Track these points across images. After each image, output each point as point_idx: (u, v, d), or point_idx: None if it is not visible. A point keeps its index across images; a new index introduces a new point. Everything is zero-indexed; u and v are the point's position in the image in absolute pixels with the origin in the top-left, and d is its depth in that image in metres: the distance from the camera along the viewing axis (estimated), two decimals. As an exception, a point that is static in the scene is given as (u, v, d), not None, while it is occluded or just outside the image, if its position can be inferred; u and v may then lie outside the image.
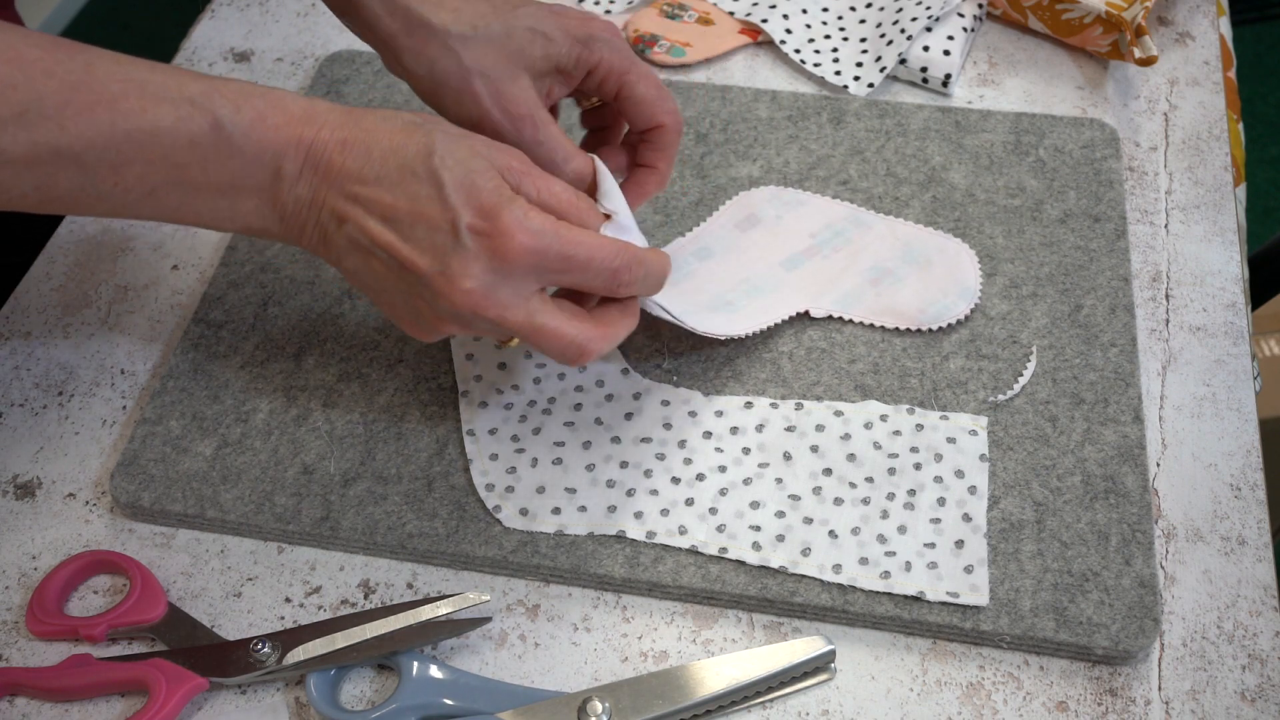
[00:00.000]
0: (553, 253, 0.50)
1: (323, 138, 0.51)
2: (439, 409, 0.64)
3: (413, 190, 0.50)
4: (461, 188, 0.50)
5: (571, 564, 0.58)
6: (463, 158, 0.51)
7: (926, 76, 0.80)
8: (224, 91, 0.50)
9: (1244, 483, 0.62)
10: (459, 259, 0.50)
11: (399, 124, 0.52)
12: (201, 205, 0.52)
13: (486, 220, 0.50)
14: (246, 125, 0.50)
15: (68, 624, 0.57)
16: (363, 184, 0.51)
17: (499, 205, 0.50)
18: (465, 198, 0.50)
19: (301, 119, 0.51)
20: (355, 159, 0.51)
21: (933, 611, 0.56)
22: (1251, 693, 0.55)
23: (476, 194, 0.50)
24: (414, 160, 0.50)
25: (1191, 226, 0.73)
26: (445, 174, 0.50)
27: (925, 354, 0.65)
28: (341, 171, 0.51)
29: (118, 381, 0.68)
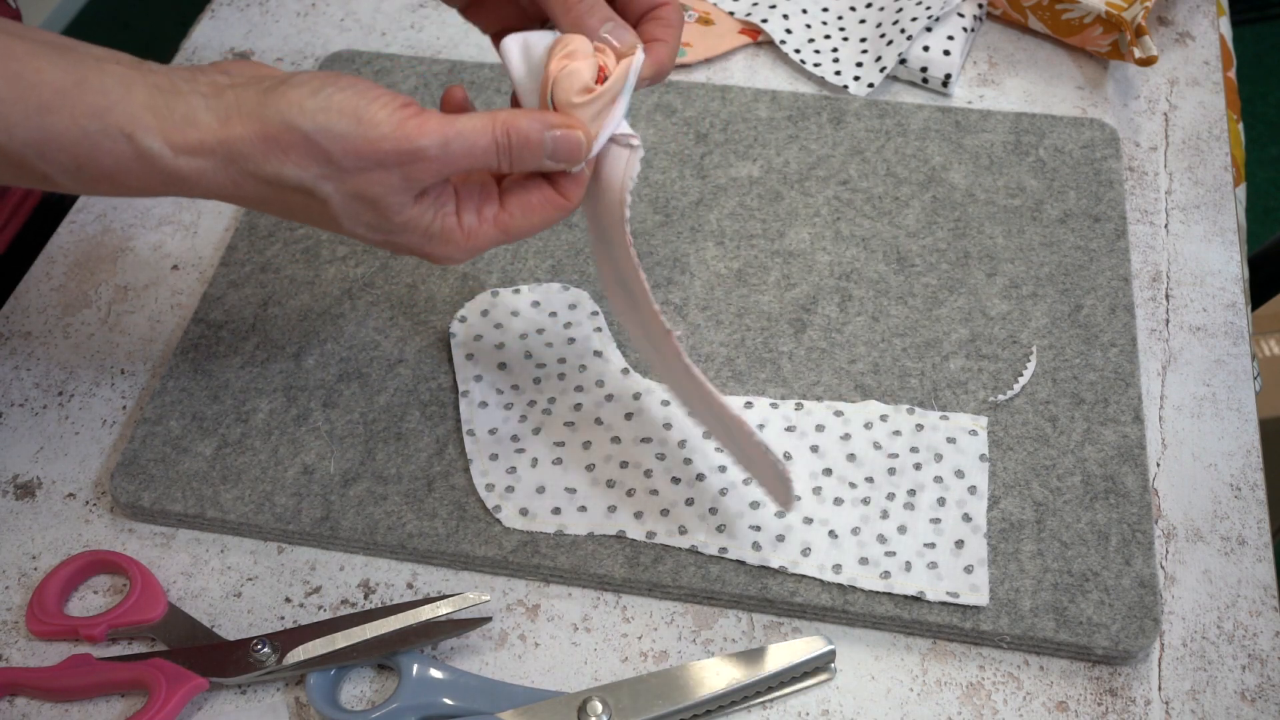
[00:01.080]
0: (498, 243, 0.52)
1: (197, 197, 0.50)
2: (439, 409, 0.64)
3: (330, 230, 0.51)
4: (386, 245, 0.51)
5: (571, 564, 0.58)
6: (371, 222, 0.49)
7: (926, 76, 0.80)
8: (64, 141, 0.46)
9: (1244, 483, 0.62)
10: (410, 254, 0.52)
11: (288, 193, 0.48)
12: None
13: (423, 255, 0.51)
14: (87, 186, 0.48)
15: (68, 624, 0.57)
16: (266, 213, 0.52)
17: (430, 256, 0.51)
18: (393, 248, 0.51)
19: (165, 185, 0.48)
20: (258, 208, 0.51)
21: (933, 611, 0.56)
22: (1251, 693, 0.55)
23: (405, 248, 0.51)
24: (320, 221, 0.50)
25: (1191, 226, 0.73)
26: (361, 236, 0.50)
27: (925, 354, 0.65)
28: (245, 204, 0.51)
29: (118, 381, 0.68)
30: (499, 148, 0.48)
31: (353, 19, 0.87)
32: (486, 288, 0.69)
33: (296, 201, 0.48)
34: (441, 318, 0.68)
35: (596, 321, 0.67)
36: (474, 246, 0.51)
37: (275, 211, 0.50)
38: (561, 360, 0.65)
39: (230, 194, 0.48)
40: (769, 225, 0.72)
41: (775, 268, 0.69)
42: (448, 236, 0.50)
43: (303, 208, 0.49)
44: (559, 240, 0.71)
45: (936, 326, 0.67)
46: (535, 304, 0.68)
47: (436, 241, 0.50)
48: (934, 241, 0.70)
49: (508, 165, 0.49)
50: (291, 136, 0.46)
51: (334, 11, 0.88)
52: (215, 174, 0.47)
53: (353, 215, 0.49)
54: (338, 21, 0.87)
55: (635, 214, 0.72)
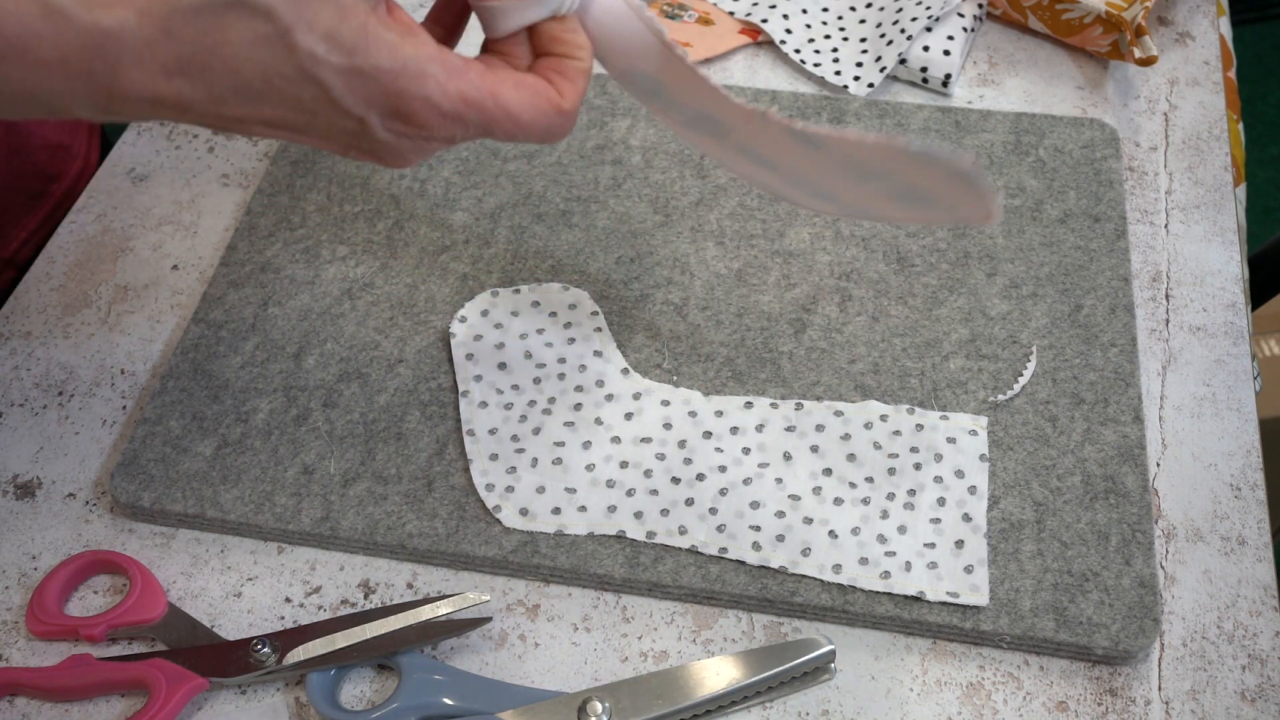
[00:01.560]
0: (474, 126, 0.45)
1: (129, 76, 0.41)
2: (439, 409, 0.64)
3: (291, 96, 0.42)
4: (353, 87, 0.42)
5: (571, 564, 0.58)
6: (328, 30, 0.41)
7: (926, 76, 0.80)
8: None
9: (1244, 483, 0.62)
10: (382, 147, 0.45)
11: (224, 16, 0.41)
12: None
13: (396, 117, 0.44)
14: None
15: (68, 624, 0.57)
16: (220, 104, 0.42)
17: (402, 94, 0.43)
18: (363, 98, 0.43)
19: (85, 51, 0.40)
20: (197, 88, 0.42)
21: (933, 611, 0.56)
22: (1251, 693, 0.55)
23: (372, 88, 0.43)
24: (275, 64, 0.42)
25: (1191, 226, 0.73)
26: (324, 74, 0.42)
27: (925, 354, 0.65)
28: (184, 105, 0.42)
29: (118, 381, 0.68)
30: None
31: (353, 19, 0.87)
32: (486, 288, 0.69)
33: (237, 34, 0.41)
34: (441, 318, 0.68)
35: (596, 321, 0.67)
36: (456, 92, 0.44)
37: (224, 79, 0.41)
38: (561, 360, 0.65)
39: (161, 56, 0.41)
40: (769, 225, 0.72)
41: (775, 268, 0.69)
42: (421, 69, 0.43)
43: (249, 42, 0.41)
44: (559, 240, 0.71)
45: (936, 326, 0.67)
46: (535, 304, 0.68)
47: (409, 73, 0.43)
48: (934, 241, 0.70)
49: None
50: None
51: (334, 11, 0.88)
52: (140, 25, 0.40)
53: (303, 22, 0.41)
54: (338, 21, 0.87)
55: (635, 214, 0.72)
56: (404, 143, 0.46)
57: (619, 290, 0.69)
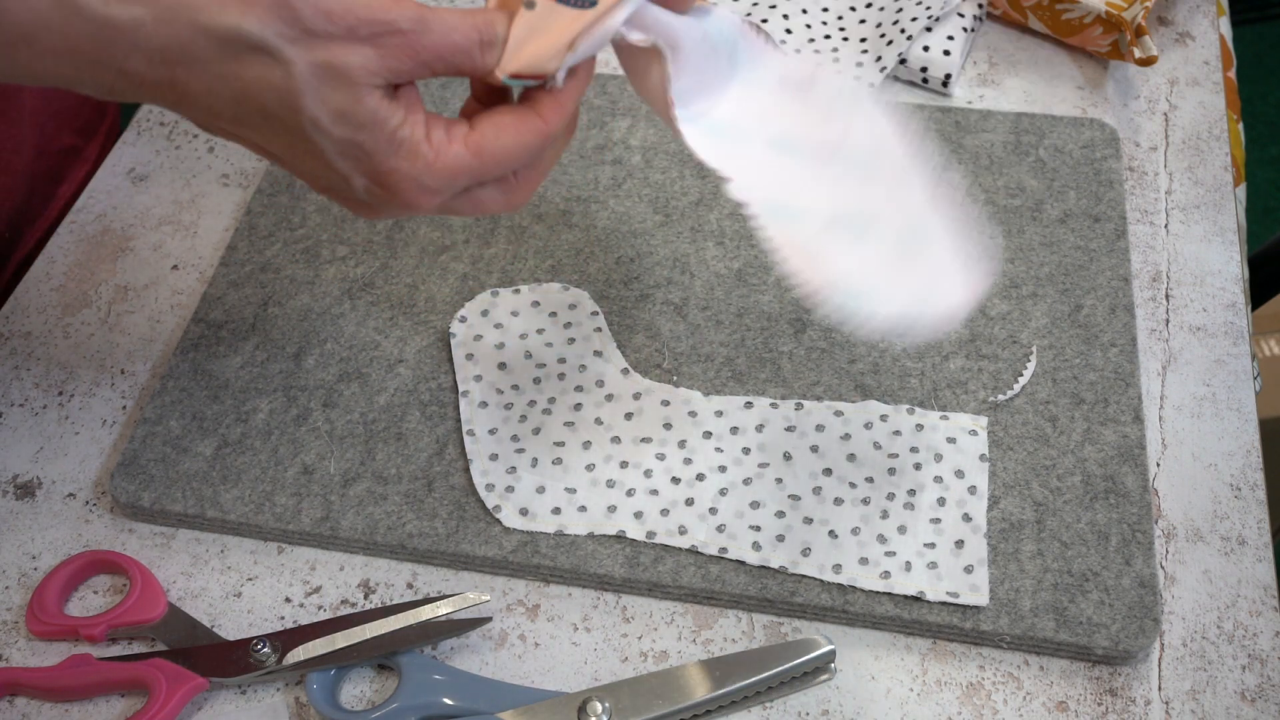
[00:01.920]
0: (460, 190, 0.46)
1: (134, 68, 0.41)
2: (439, 409, 0.64)
3: (287, 140, 0.43)
4: (347, 153, 0.44)
5: (571, 564, 0.58)
6: (338, 107, 0.42)
7: (926, 76, 0.80)
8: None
9: (1244, 483, 0.62)
10: (362, 205, 0.46)
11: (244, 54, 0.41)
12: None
13: (381, 187, 0.45)
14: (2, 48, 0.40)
15: (68, 624, 0.57)
16: (217, 119, 0.43)
17: (391, 171, 0.44)
18: (354, 164, 0.44)
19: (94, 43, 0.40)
20: (196, 98, 0.42)
21: (933, 611, 0.56)
22: (1251, 693, 0.55)
23: (365, 160, 0.44)
24: (279, 112, 0.42)
25: (1191, 226, 0.73)
26: (323, 140, 0.43)
27: (925, 354, 0.65)
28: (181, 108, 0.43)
29: (118, 381, 0.68)
30: (480, 35, 0.44)
31: (353, 19, 0.87)
32: (486, 288, 0.69)
33: (251, 74, 0.41)
34: (441, 318, 0.68)
35: (596, 321, 0.67)
36: (442, 168, 0.45)
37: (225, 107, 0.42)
38: (561, 360, 0.65)
39: (170, 59, 0.41)
40: (769, 225, 0.72)
41: (775, 267, 0.69)
42: (414, 149, 0.44)
43: (259, 85, 0.42)
44: (559, 240, 0.71)
45: (936, 326, 0.67)
46: (535, 304, 0.68)
47: (402, 153, 0.44)
48: (934, 241, 0.70)
49: (481, 57, 0.44)
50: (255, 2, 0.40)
51: (334, 11, 0.88)
52: (156, 28, 0.40)
53: (317, 94, 0.42)
54: (338, 21, 0.87)
55: (635, 213, 0.72)
56: (382, 206, 0.47)
57: (619, 290, 0.69)
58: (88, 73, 0.41)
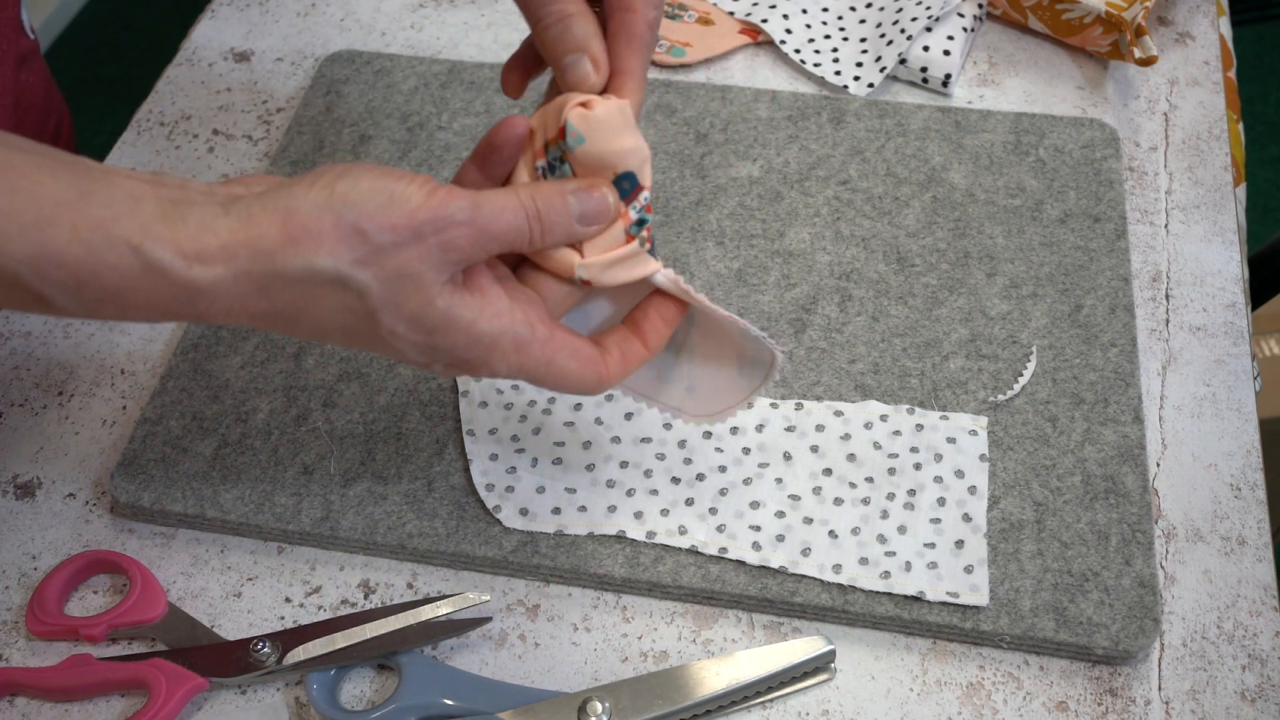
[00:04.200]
0: (525, 379, 0.50)
1: (216, 315, 0.45)
2: (439, 409, 0.64)
3: (368, 345, 0.47)
4: (424, 352, 0.47)
5: (571, 564, 0.58)
6: (413, 313, 0.46)
7: (926, 76, 0.80)
8: (63, 258, 0.41)
9: (1244, 483, 0.62)
10: (438, 370, 0.50)
11: (321, 288, 0.44)
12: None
13: (458, 368, 0.49)
14: (89, 305, 0.43)
15: (68, 624, 0.57)
16: (296, 333, 0.47)
17: (468, 363, 0.48)
18: (431, 358, 0.48)
19: (176, 302, 0.43)
20: (276, 327, 0.46)
21: (933, 611, 0.56)
22: (1251, 693, 0.55)
23: (443, 356, 0.48)
24: (358, 327, 0.46)
25: (1191, 226, 0.73)
26: (402, 345, 0.47)
27: (925, 354, 0.65)
28: (265, 325, 0.46)
29: (118, 381, 0.68)
30: (528, 212, 0.47)
31: (353, 19, 0.87)
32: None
33: (330, 302, 0.45)
34: (441, 318, 0.68)
35: (596, 321, 0.67)
36: (517, 365, 0.48)
37: (305, 328, 0.46)
38: (561, 360, 0.65)
39: (250, 307, 0.44)
40: (769, 225, 0.72)
41: (775, 268, 0.69)
42: (496, 340, 0.47)
43: (337, 309, 0.45)
44: (559, 240, 0.71)
45: (936, 326, 0.67)
46: (535, 304, 0.68)
47: (483, 346, 0.47)
48: (934, 241, 0.70)
49: (539, 235, 0.48)
50: (322, 222, 0.43)
51: (334, 11, 0.88)
52: (235, 283, 0.43)
53: (393, 306, 0.45)
54: (338, 21, 0.87)
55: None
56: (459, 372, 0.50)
57: (619, 290, 0.69)
58: (168, 318, 0.44)
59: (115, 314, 0.43)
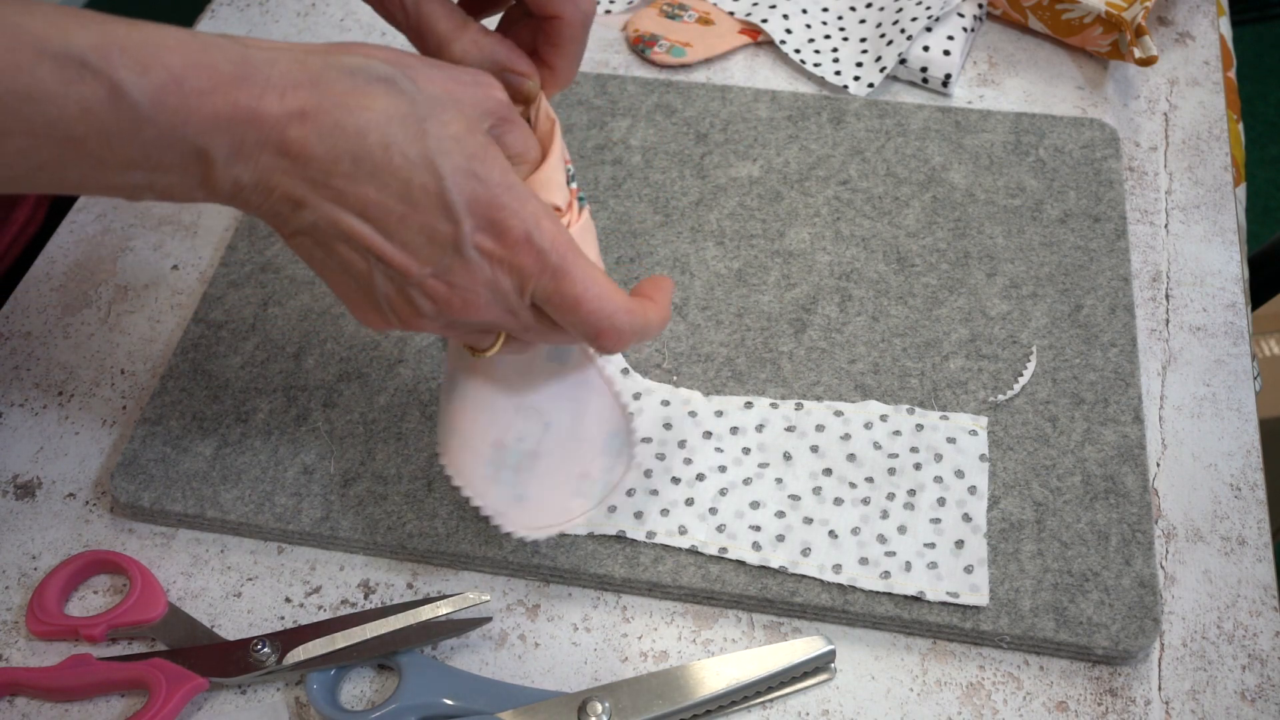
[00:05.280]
0: (549, 277, 0.46)
1: (268, 108, 0.41)
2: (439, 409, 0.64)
3: (403, 180, 0.43)
4: (465, 189, 0.43)
5: (571, 564, 0.58)
6: (457, 133, 0.44)
7: (926, 76, 0.80)
8: (127, 44, 0.40)
9: (1244, 483, 0.62)
10: (460, 267, 0.45)
11: (374, 85, 0.43)
12: (108, 179, 0.42)
13: (491, 232, 0.44)
14: (156, 90, 0.40)
15: (68, 624, 0.57)
16: (335, 174, 0.43)
17: (504, 212, 0.44)
18: (469, 202, 0.44)
19: (234, 80, 0.41)
20: (323, 140, 0.42)
21: (933, 611, 0.56)
22: (1251, 693, 0.55)
23: (483, 196, 0.44)
24: (403, 143, 0.43)
25: (1191, 226, 0.73)
26: (444, 163, 0.43)
27: (925, 354, 0.65)
28: (304, 156, 0.42)
29: (118, 381, 0.68)
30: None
31: (353, 19, 0.87)
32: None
33: (379, 104, 0.43)
34: (441, 318, 0.68)
35: (596, 321, 0.67)
36: (551, 227, 0.45)
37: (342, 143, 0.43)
38: (561, 360, 0.65)
39: (301, 91, 0.42)
40: (769, 225, 0.72)
41: (775, 268, 0.70)
42: (525, 198, 0.45)
43: (383, 115, 0.43)
44: (559, 240, 0.71)
45: (936, 326, 0.67)
46: (535, 304, 0.68)
47: (518, 192, 0.45)
48: (934, 241, 0.71)
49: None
50: (372, 48, 0.44)
51: (334, 11, 0.88)
52: (291, 66, 0.42)
53: (439, 121, 0.43)
54: (338, 21, 0.87)
55: (635, 213, 0.72)
56: (482, 269, 0.45)
57: (619, 290, 0.69)
58: (226, 112, 0.41)
59: (177, 103, 0.40)
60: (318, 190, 0.43)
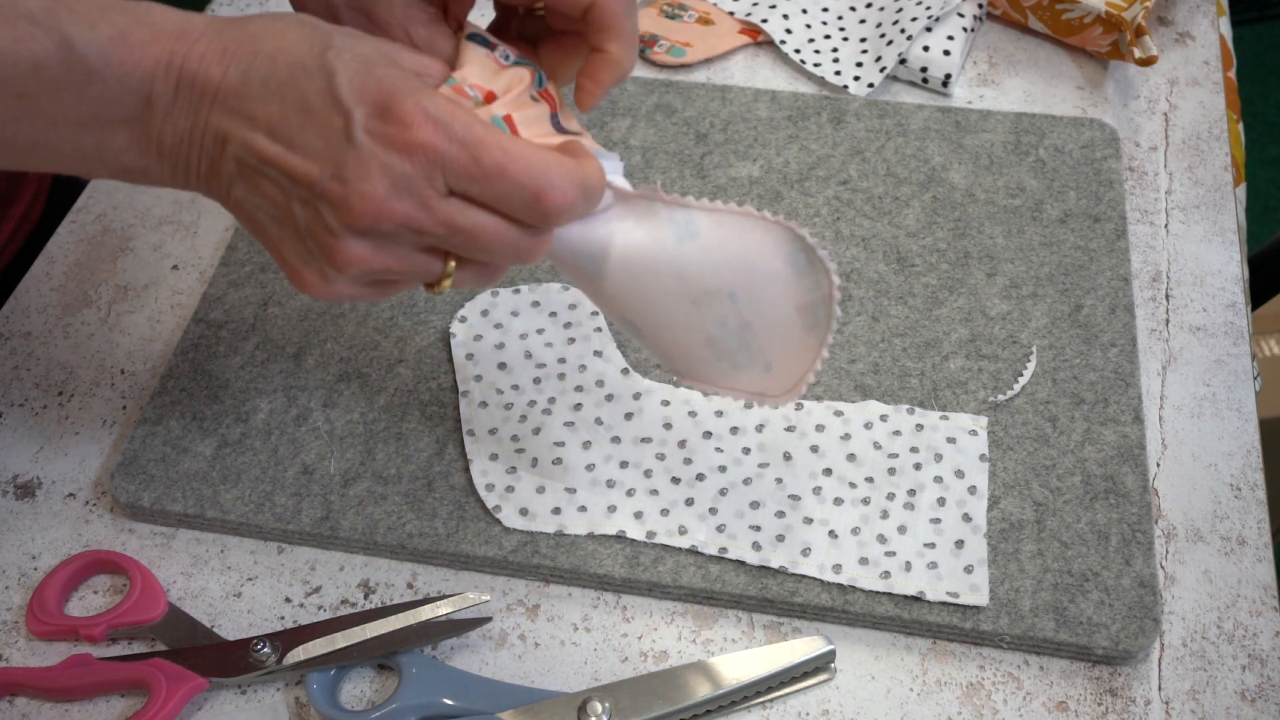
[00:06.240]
0: (458, 147, 0.43)
1: (197, 51, 0.44)
2: (439, 409, 0.64)
3: (301, 89, 0.44)
4: (356, 81, 0.43)
5: (571, 564, 0.58)
6: (363, 51, 0.44)
7: (926, 76, 0.80)
8: (74, 4, 0.43)
9: (1244, 483, 0.62)
10: (354, 159, 0.43)
11: (292, 23, 0.45)
12: (60, 142, 0.44)
13: (382, 115, 0.43)
14: (104, 44, 0.43)
15: (68, 624, 0.57)
16: (248, 98, 0.44)
17: (396, 93, 0.43)
18: (359, 91, 0.43)
19: (173, 34, 0.44)
20: (237, 69, 0.44)
21: (933, 611, 0.56)
22: (1251, 693, 0.55)
23: (373, 85, 0.43)
24: (306, 56, 0.44)
25: (1191, 226, 0.73)
26: (339, 66, 0.43)
27: (925, 354, 0.65)
28: (222, 87, 0.44)
29: (118, 381, 0.68)
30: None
31: (353, 19, 0.87)
32: (487, 288, 0.69)
33: (293, 34, 0.45)
34: (441, 318, 0.68)
35: (596, 321, 0.67)
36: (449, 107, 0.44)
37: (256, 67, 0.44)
38: (561, 360, 0.65)
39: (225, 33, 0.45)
40: (769, 225, 0.72)
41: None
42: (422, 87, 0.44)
43: (291, 36, 0.45)
44: (559, 240, 0.71)
45: (936, 326, 0.67)
46: (535, 304, 0.68)
47: (410, 84, 0.44)
48: (934, 241, 0.71)
49: None
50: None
51: (334, 11, 0.88)
52: (221, 21, 0.45)
53: (349, 44, 0.44)
54: (338, 21, 0.87)
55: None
56: (376, 155, 0.44)
57: (619, 290, 0.69)
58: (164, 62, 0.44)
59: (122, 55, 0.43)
60: (236, 119, 0.45)
